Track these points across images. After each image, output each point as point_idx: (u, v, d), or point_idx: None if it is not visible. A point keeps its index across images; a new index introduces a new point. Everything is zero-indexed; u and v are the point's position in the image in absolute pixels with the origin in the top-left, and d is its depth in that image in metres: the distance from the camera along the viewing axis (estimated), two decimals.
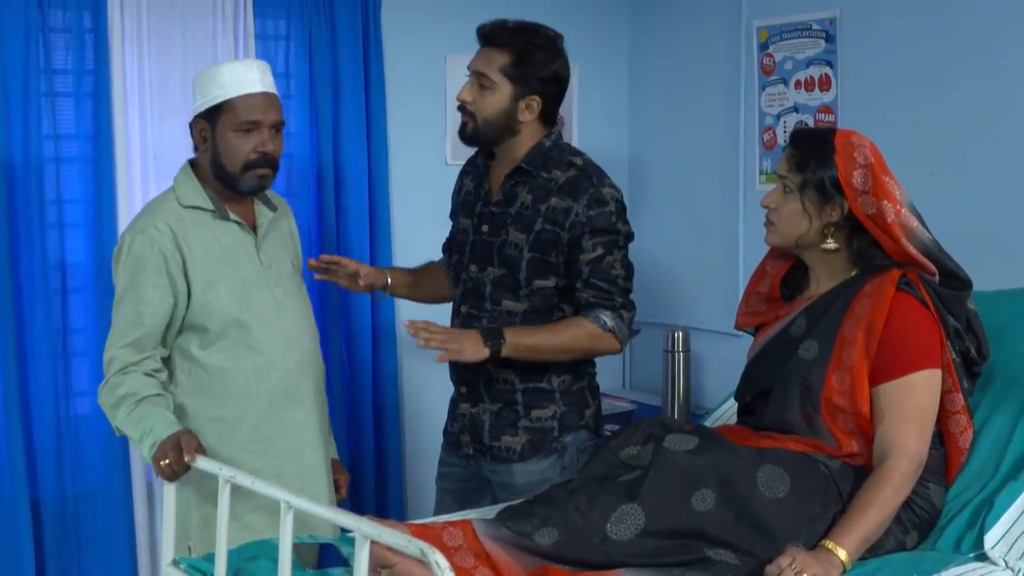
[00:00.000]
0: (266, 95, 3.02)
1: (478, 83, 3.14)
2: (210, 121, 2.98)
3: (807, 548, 2.48)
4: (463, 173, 3.41)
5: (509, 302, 3.19)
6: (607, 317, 3.15)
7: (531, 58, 3.13)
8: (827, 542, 2.48)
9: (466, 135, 3.21)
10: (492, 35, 3.15)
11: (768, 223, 2.85)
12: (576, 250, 3.14)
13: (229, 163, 2.99)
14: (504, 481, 3.23)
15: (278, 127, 3.04)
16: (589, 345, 3.18)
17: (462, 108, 3.18)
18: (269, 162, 3.02)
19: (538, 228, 3.15)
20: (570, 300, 3.20)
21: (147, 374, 2.94)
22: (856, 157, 2.72)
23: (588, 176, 3.17)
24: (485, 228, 3.22)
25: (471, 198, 3.30)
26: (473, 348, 3.03)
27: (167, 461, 2.70)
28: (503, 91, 3.13)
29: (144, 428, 2.84)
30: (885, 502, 2.55)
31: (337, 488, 3.27)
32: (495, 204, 3.21)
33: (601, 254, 3.14)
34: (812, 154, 2.75)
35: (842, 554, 2.46)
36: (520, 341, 3.10)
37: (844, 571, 2.46)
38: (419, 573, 2.33)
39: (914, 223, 2.73)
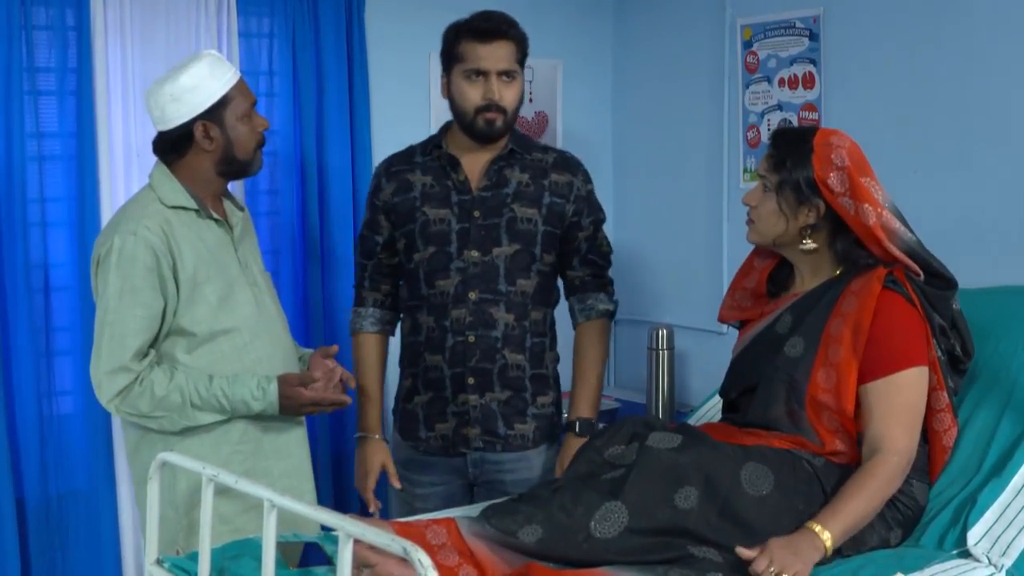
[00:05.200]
0: (242, 77, 3.06)
1: (504, 77, 3.17)
2: (213, 119, 2.98)
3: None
4: (395, 173, 3.31)
5: (523, 281, 3.24)
6: (602, 301, 3.36)
7: (526, 41, 3.23)
8: (813, 524, 2.49)
9: (495, 131, 3.20)
10: (500, 29, 3.17)
11: (749, 221, 2.87)
12: (575, 227, 3.29)
13: (242, 151, 3.02)
14: (523, 477, 3.23)
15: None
16: (607, 344, 3.42)
17: (490, 107, 3.16)
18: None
19: (547, 201, 3.24)
20: (558, 277, 3.33)
21: (156, 365, 2.94)
22: (833, 159, 2.72)
23: (572, 156, 3.37)
24: (477, 213, 3.20)
25: (433, 190, 3.24)
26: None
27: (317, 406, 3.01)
28: (519, 79, 3.21)
29: (234, 400, 2.95)
30: (872, 494, 2.56)
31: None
32: (482, 189, 3.21)
33: (593, 231, 3.33)
34: (789, 154, 2.76)
35: (826, 537, 2.47)
36: (590, 411, 3.33)
37: (825, 555, 2.47)
38: (399, 573, 2.33)
39: (896, 225, 2.73)
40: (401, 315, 3.40)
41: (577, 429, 3.26)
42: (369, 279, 3.39)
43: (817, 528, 2.48)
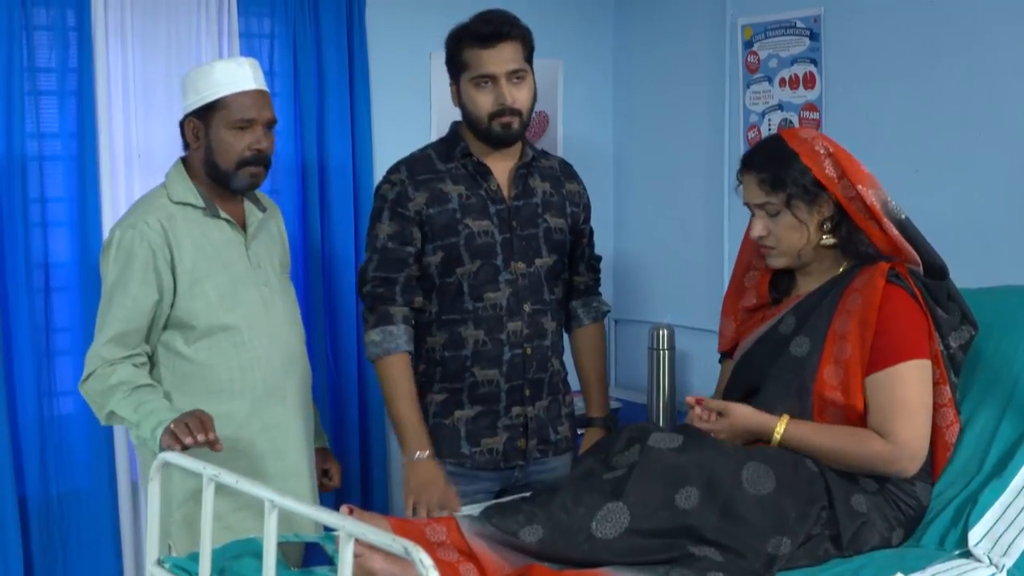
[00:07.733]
0: (260, 92, 3.06)
1: (514, 78, 3.10)
2: (203, 119, 3.03)
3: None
4: (423, 182, 3.17)
5: (557, 289, 3.30)
6: (603, 303, 3.46)
7: (531, 37, 3.18)
8: (782, 421, 2.67)
9: (513, 135, 3.14)
10: (503, 31, 3.08)
11: (766, 250, 2.86)
12: (581, 234, 3.35)
13: (223, 161, 3.03)
14: (560, 475, 3.22)
15: (270, 125, 3.08)
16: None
17: (504, 111, 3.09)
18: (262, 160, 3.06)
19: (569, 211, 3.28)
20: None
21: (136, 366, 2.97)
22: (817, 150, 2.76)
23: (567, 162, 3.42)
24: (515, 224, 3.18)
25: (471, 201, 3.16)
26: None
27: (184, 432, 2.72)
28: (529, 77, 3.16)
29: (144, 411, 2.85)
30: (843, 446, 2.65)
31: (329, 476, 3.31)
32: (514, 198, 3.20)
33: (591, 236, 3.40)
34: (781, 169, 2.76)
35: (779, 432, 2.65)
36: (607, 406, 3.52)
37: (769, 441, 2.66)
38: (381, 567, 2.32)
39: (886, 197, 2.77)
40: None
41: (601, 423, 3.41)
42: (401, 293, 3.14)
43: (780, 426, 2.67)
